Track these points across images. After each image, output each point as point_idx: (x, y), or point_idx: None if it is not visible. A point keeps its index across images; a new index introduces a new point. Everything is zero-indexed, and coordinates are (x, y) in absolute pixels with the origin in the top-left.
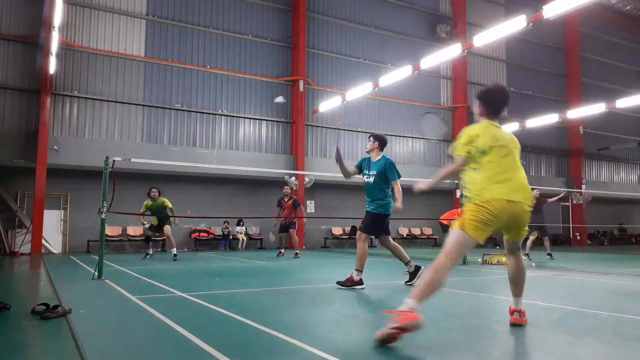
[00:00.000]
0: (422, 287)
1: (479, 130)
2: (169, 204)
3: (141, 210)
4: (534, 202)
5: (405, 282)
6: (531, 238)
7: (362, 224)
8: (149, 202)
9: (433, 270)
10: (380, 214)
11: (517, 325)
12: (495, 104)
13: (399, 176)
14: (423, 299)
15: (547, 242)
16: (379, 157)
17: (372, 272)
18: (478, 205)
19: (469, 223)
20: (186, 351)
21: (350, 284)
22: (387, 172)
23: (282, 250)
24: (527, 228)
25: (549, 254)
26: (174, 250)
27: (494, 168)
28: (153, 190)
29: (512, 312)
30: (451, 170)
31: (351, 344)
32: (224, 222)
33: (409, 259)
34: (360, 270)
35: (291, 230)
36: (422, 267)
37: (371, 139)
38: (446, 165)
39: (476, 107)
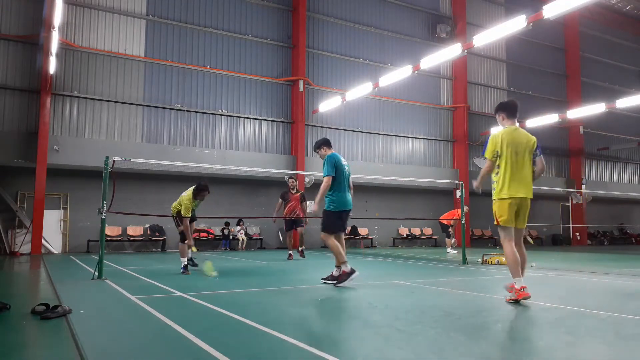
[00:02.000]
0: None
1: (502, 136)
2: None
3: (184, 213)
4: None
5: (322, 279)
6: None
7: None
8: (194, 203)
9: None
10: (325, 211)
11: (527, 298)
12: (509, 108)
13: (325, 174)
14: (517, 275)
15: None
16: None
17: (373, 272)
18: (500, 200)
19: (500, 217)
20: (186, 351)
21: (332, 278)
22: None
23: (291, 252)
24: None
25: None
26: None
27: (508, 168)
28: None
29: (521, 289)
30: (485, 171)
31: (351, 344)
32: (225, 224)
33: (345, 260)
34: (339, 266)
35: (299, 228)
36: (356, 272)
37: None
38: (484, 166)
39: (499, 117)
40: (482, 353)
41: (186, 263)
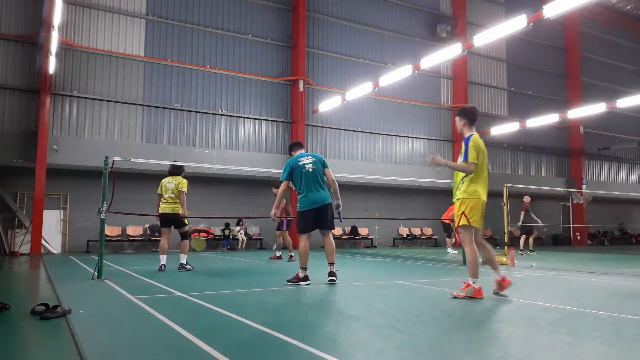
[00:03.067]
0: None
1: (478, 140)
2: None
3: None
4: (525, 206)
5: (288, 280)
6: (524, 237)
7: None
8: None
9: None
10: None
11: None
12: (473, 117)
13: (281, 178)
14: (477, 275)
15: (531, 240)
16: None
17: (373, 272)
18: (482, 201)
19: (471, 218)
20: (186, 351)
21: (296, 280)
22: None
23: (292, 253)
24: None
25: (531, 250)
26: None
27: (481, 170)
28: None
29: (503, 279)
30: (466, 168)
31: (351, 344)
32: (225, 225)
33: (306, 267)
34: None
35: (278, 231)
36: (308, 282)
37: None
38: (460, 163)
39: (459, 122)
40: (482, 353)
41: (163, 263)
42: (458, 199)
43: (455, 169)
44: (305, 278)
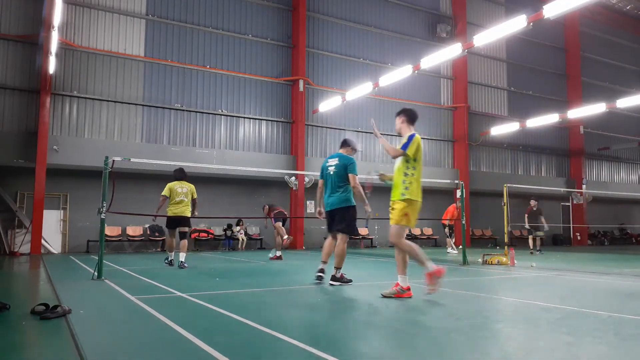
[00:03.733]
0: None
1: (420, 141)
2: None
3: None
4: (534, 210)
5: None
6: (531, 238)
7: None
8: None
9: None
10: None
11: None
12: (414, 116)
13: (319, 177)
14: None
15: (538, 240)
16: None
17: (373, 272)
18: (416, 201)
19: (412, 216)
20: (186, 352)
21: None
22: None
23: (278, 253)
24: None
25: (539, 250)
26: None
27: (420, 173)
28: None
29: (408, 289)
30: (395, 152)
31: (351, 344)
32: (227, 225)
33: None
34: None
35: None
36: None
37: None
38: (395, 147)
39: (398, 120)
40: (482, 353)
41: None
42: (403, 200)
43: (387, 148)
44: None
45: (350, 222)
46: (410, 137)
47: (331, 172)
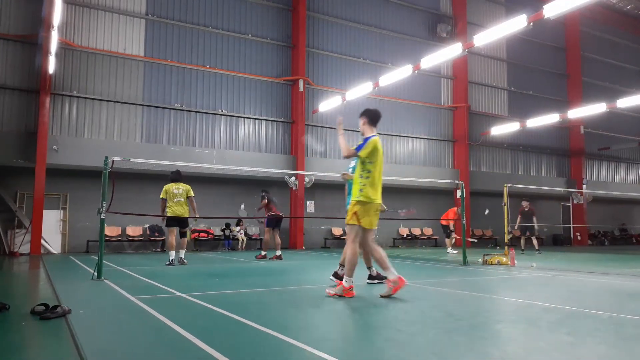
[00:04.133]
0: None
1: (377, 143)
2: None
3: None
4: (526, 211)
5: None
6: (523, 238)
7: None
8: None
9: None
10: None
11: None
12: (375, 117)
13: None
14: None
15: (535, 241)
16: None
17: None
18: (367, 202)
19: (362, 218)
20: (186, 352)
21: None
22: None
23: (265, 253)
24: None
25: (538, 250)
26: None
27: (376, 176)
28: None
29: (396, 280)
30: (347, 153)
31: (351, 344)
32: (225, 225)
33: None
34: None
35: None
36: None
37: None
38: (348, 147)
39: (361, 121)
40: (482, 353)
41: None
42: (356, 201)
43: (342, 147)
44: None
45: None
46: (366, 139)
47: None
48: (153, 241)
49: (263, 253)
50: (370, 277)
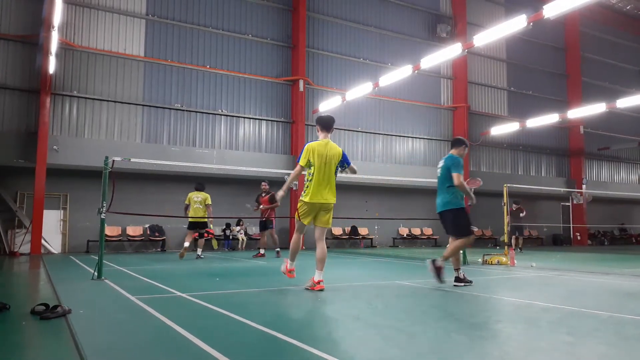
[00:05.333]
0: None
1: (314, 147)
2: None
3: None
4: (515, 211)
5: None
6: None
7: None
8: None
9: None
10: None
11: (320, 291)
12: (323, 124)
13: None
14: (293, 259)
15: (520, 240)
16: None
17: (373, 272)
18: (306, 202)
19: (302, 215)
20: (186, 351)
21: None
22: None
23: (262, 251)
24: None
25: (520, 249)
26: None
27: (317, 177)
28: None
29: (317, 282)
30: (295, 174)
31: (351, 344)
32: (225, 225)
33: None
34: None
35: (269, 229)
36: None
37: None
38: (294, 171)
39: (316, 128)
40: (482, 353)
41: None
42: (300, 200)
43: (290, 177)
44: (465, 279)
45: (457, 224)
46: (303, 148)
47: (438, 173)
48: (153, 241)
49: (262, 252)
50: (457, 279)
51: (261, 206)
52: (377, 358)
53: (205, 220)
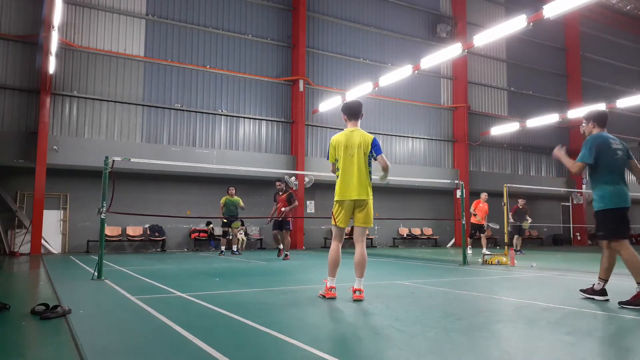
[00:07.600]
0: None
1: (338, 138)
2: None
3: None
4: (521, 209)
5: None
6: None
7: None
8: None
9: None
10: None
11: (358, 300)
12: (351, 112)
13: (584, 160)
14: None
15: (517, 240)
16: None
17: (373, 272)
18: (337, 201)
19: (337, 217)
20: (186, 351)
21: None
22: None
23: (281, 248)
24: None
25: (519, 250)
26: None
27: (343, 173)
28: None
29: (354, 291)
30: (332, 168)
31: (351, 344)
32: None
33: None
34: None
35: (285, 231)
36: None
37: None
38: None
39: (342, 117)
40: (482, 353)
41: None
42: (334, 201)
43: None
44: (603, 292)
45: (600, 226)
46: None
47: (617, 158)
48: (153, 241)
49: (286, 253)
50: (627, 302)
51: (283, 208)
52: (377, 358)
53: (238, 218)
